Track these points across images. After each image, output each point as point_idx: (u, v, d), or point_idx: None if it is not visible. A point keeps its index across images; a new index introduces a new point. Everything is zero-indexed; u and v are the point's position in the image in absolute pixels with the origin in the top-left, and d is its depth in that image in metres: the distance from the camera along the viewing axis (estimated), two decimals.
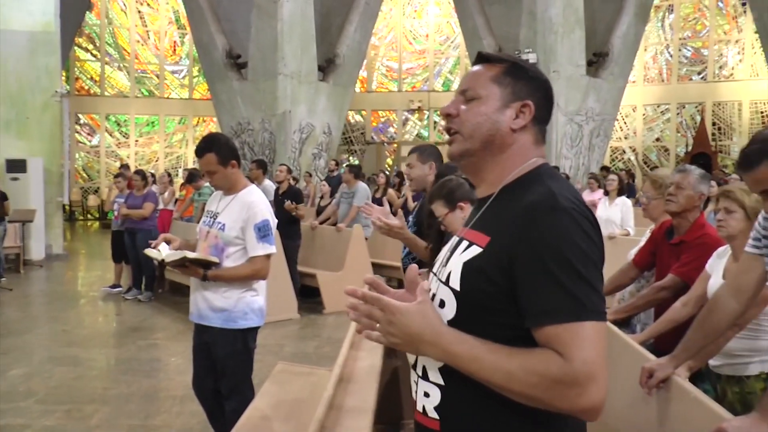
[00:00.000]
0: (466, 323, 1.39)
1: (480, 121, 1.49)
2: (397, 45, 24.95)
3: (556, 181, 1.43)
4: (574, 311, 1.28)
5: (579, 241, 1.32)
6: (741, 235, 2.92)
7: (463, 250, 1.45)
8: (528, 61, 1.59)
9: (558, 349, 1.28)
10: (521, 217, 1.36)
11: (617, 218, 7.98)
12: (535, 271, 1.31)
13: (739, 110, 21.60)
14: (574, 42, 16.30)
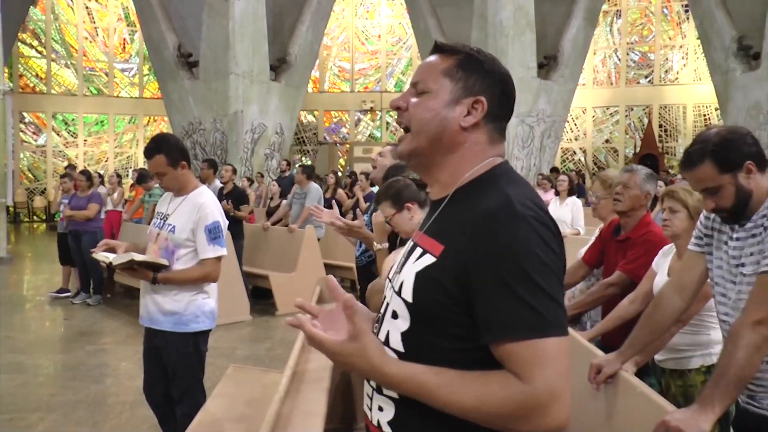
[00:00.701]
0: (420, 335, 1.32)
1: (428, 117, 1.39)
2: (349, 45, 24.96)
3: (514, 185, 1.34)
4: (534, 326, 1.20)
5: (538, 251, 1.23)
6: (685, 234, 3.01)
7: (416, 259, 1.36)
8: (487, 53, 1.44)
9: (517, 368, 1.21)
10: (476, 225, 1.27)
11: (568, 218, 8.10)
12: (492, 283, 1.23)
13: (684, 113, 22.25)
14: (525, 45, 16.53)
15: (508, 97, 1.43)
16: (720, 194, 2.19)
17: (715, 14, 16.64)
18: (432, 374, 1.25)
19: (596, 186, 4.08)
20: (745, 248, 2.22)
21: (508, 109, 1.44)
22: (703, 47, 17.74)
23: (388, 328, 1.39)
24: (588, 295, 3.64)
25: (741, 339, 2.05)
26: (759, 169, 2.18)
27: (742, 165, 2.16)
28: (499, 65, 1.43)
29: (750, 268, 2.18)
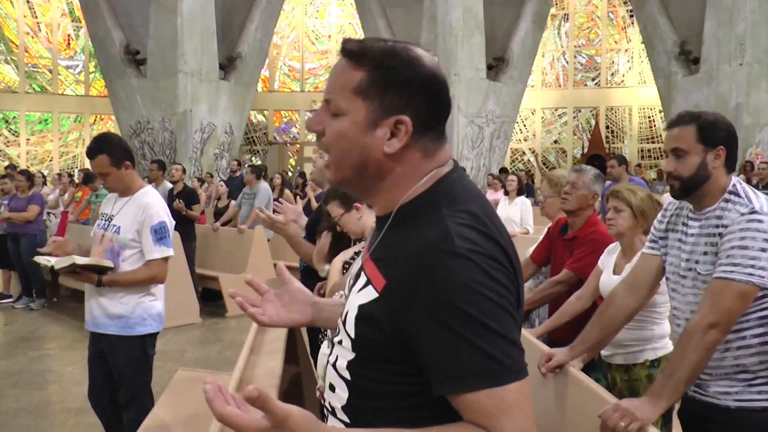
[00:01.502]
0: (366, 369, 1.22)
1: (346, 147, 1.22)
2: (299, 45, 24.84)
3: (456, 206, 1.19)
4: (493, 374, 1.09)
5: (483, 289, 1.10)
6: (629, 232, 3.10)
7: (360, 288, 1.25)
8: (405, 46, 1.23)
9: (481, 420, 1.10)
10: (415, 262, 1.13)
11: (517, 217, 8.21)
12: (436, 331, 1.10)
13: (630, 114, 22.79)
14: (474, 46, 16.69)
15: (439, 100, 1.24)
16: (684, 160, 2.28)
17: (658, 20, 17.14)
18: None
19: (544, 185, 4.15)
20: (699, 245, 2.29)
21: (441, 112, 1.25)
22: (647, 51, 18.24)
23: (338, 353, 1.29)
24: (536, 293, 3.69)
25: (693, 340, 2.12)
26: (726, 162, 2.28)
27: (716, 146, 2.26)
28: (418, 66, 1.21)
29: (704, 267, 2.25)
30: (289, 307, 1.53)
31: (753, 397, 2.21)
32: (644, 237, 3.13)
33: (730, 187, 2.27)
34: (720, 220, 2.22)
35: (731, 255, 2.14)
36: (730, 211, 2.21)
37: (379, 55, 1.21)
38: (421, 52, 1.24)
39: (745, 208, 2.18)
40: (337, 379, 1.29)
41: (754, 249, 2.11)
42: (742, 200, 2.22)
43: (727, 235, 2.17)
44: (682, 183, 2.30)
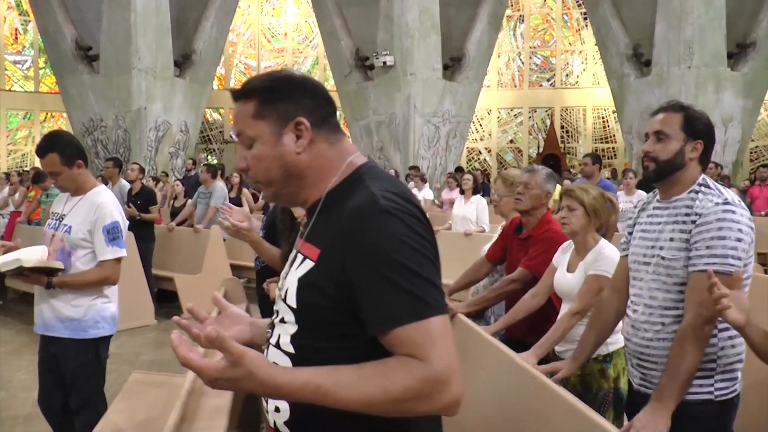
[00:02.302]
0: (309, 338, 1.37)
1: (268, 165, 1.44)
2: (255, 42, 24.63)
3: (378, 181, 1.40)
4: (418, 310, 1.26)
5: (408, 240, 1.29)
6: (582, 231, 3.16)
7: (297, 266, 1.42)
8: (277, 70, 1.53)
9: (411, 351, 1.25)
10: (347, 225, 1.32)
11: (473, 216, 8.28)
12: (370, 278, 1.28)
13: (584, 115, 23.17)
14: (431, 46, 16.77)
15: (321, 97, 1.49)
16: (665, 144, 2.38)
17: (611, 23, 17.49)
18: (327, 375, 1.25)
19: (498, 184, 4.20)
20: (665, 232, 2.37)
21: (327, 105, 1.49)
22: (601, 53, 18.59)
23: (279, 332, 1.44)
24: (491, 291, 3.73)
25: (689, 336, 2.20)
26: (701, 158, 2.38)
27: (696, 139, 2.36)
28: (293, 78, 1.48)
29: (669, 252, 2.33)
30: (228, 329, 1.66)
31: (694, 390, 2.28)
32: (597, 235, 3.20)
33: (700, 180, 2.37)
34: (691, 209, 2.30)
35: (711, 246, 2.21)
36: (702, 200, 2.29)
37: (260, 83, 1.46)
38: (292, 70, 1.54)
39: (719, 199, 2.27)
40: (281, 355, 1.42)
41: (731, 239, 2.20)
42: (713, 191, 2.31)
43: (703, 225, 2.24)
44: (658, 165, 2.39)
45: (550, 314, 3.36)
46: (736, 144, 16.26)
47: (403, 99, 16.66)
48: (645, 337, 2.42)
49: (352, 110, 18.11)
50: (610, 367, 3.09)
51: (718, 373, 2.30)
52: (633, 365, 2.53)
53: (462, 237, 8.08)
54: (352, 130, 18.20)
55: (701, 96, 15.48)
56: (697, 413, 2.28)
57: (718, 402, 2.30)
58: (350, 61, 17.95)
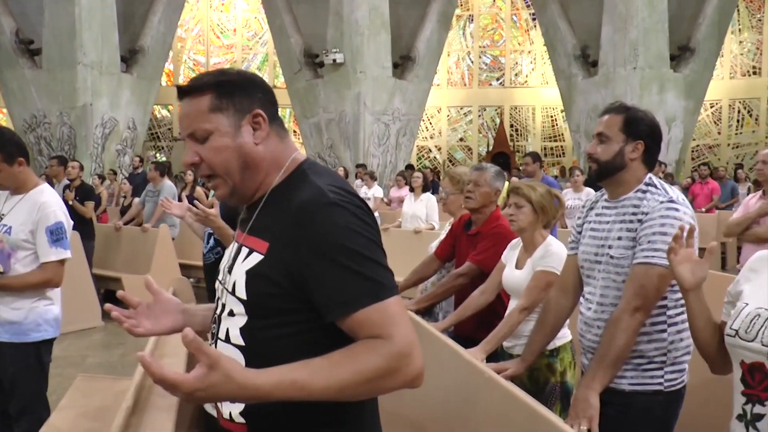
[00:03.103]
0: (260, 329, 1.40)
1: (227, 156, 1.46)
2: (204, 38, 24.30)
3: (321, 176, 1.46)
4: (376, 292, 1.32)
5: (356, 227, 1.35)
6: (530, 227, 3.20)
7: (244, 258, 1.44)
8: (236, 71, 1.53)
9: (374, 332, 1.30)
10: (296, 217, 1.36)
11: (422, 213, 8.33)
12: (326, 267, 1.32)
13: (533, 114, 23.52)
14: (380, 44, 16.78)
15: (269, 93, 1.53)
16: (606, 145, 2.44)
17: (559, 24, 17.79)
18: (300, 368, 1.27)
19: (445, 182, 4.24)
20: (613, 231, 2.42)
21: (275, 103, 1.54)
22: (549, 54, 18.90)
23: (227, 326, 1.46)
24: (439, 287, 3.76)
25: (621, 323, 2.28)
26: (644, 157, 2.44)
27: (636, 139, 2.42)
28: (243, 73, 1.53)
29: (617, 251, 2.39)
30: (161, 317, 1.69)
31: (646, 381, 2.35)
32: (545, 231, 3.25)
33: (646, 180, 2.43)
34: (638, 208, 2.37)
35: (652, 240, 2.28)
36: (649, 200, 2.36)
37: (213, 78, 1.48)
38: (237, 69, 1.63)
39: (663, 197, 2.34)
40: (231, 349, 1.43)
41: (672, 235, 2.25)
42: (659, 191, 2.38)
43: (647, 222, 2.31)
44: (599, 166, 2.46)
45: (498, 310, 3.40)
46: (679, 143, 16.73)
47: (353, 97, 16.64)
48: (598, 334, 2.47)
49: (302, 108, 18.02)
50: (557, 361, 3.14)
51: (668, 365, 2.38)
52: (587, 359, 2.59)
53: (412, 235, 8.12)
54: (302, 127, 18.11)
55: (646, 96, 15.88)
56: (647, 403, 2.35)
57: (667, 392, 2.38)
58: (300, 58, 17.85)
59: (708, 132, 21.95)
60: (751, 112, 21.47)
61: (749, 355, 1.73)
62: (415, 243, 7.58)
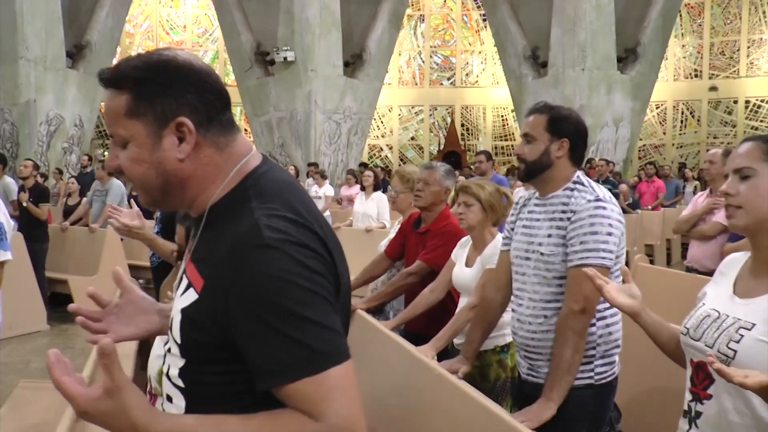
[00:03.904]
0: (198, 373, 1.22)
1: (143, 171, 1.23)
2: (153, 34, 23.86)
3: (266, 199, 1.21)
4: (310, 363, 1.11)
5: (295, 278, 1.12)
6: (479, 226, 3.24)
7: (182, 292, 1.25)
8: (157, 53, 1.26)
9: (304, 407, 1.11)
10: (227, 259, 1.15)
11: (373, 212, 8.35)
12: (253, 327, 1.12)
13: (484, 113, 23.76)
14: (331, 43, 16.74)
15: (209, 89, 1.26)
16: (533, 146, 2.49)
17: (509, 25, 18.03)
18: (211, 427, 1.13)
19: (395, 181, 4.26)
20: (543, 229, 2.47)
21: (217, 100, 1.27)
22: (499, 54, 19.14)
23: (170, 363, 1.28)
24: (389, 285, 3.78)
25: (567, 329, 2.32)
26: (570, 155, 2.48)
27: (561, 138, 2.46)
28: (174, 66, 1.24)
29: (547, 248, 2.43)
30: (134, 319, 1.49)
31: (577, 375, 2.40)
32: (494, 229, 3.29)
33: (574, 178, 2.49)
34: (566, 206, 2.41)
35: (584, 241, 2.33)
36: (576, 198, 2.40)
37: (133, 72, 1.23)
38: (174, 52, 1.26)
39: (591, 195, 2.39)
40: (173, 388, 1.27)
41: (603, 234, 2.32)
42: (587, 189, 2.43)
43: (576, 222, 2.36)
44: (527, 166, 2.51)
45: (449, 308, 3.43)
46: (626, 143, 17.12)
47: (304, 95, 16.57)
48: (530, 330, 2.52)
49: (252, 106, 17.87)
50: (507, 357, 3.19)
51: (598, 359, 2.44)
52: (521, 356, 2.64)
53: (363, 233, 8.13)
54: (253, 126, 17.97)
55: (594, 97, 16.22)
56: (579, 396, 2.39)
57: (598, 385, 2.44)
58: (251, 56, 17.69)
59: (654, 132, 22.50)
60: (694, 113, 22.07)
61: (696, 354, 1.76)
62: (367, 242, 7.59)
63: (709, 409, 1.70)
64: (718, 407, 1.67)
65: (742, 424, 1.63)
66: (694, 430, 1.74)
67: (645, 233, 10.61)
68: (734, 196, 1.72)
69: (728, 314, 1.70)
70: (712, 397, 1.69)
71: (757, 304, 1.66)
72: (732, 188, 1.73)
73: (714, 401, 1.68)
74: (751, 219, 1.71)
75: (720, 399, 1.67)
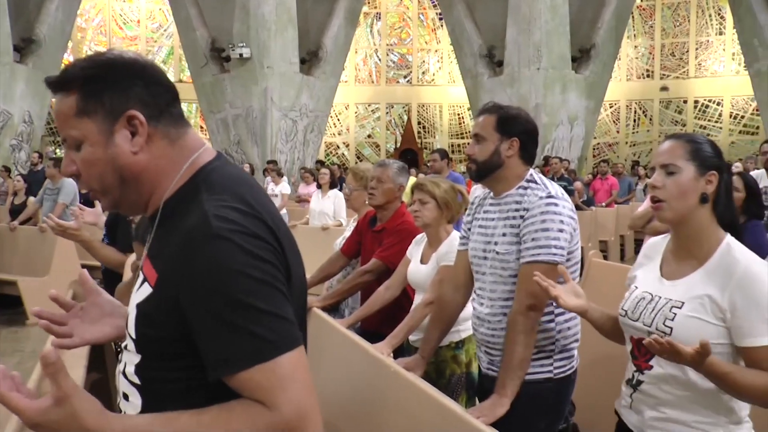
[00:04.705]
0: (154, 369, 1.23)
1: (99, 170, 1.24)
2: (106, 29, 23.38)
3: (216, 191, 1.22)
4: (261, 352, 1.12)
5: (245, 268, 1.13)
6: (434, 223, 3.25)
7: (138, 287, 1.26)
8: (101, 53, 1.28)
9: (257, 395, 1.13)
10: (179, 251, 1.16)
11: (330, 210, 8.33)
12: (203, 318, 1.13)
13: (440, 112, 23.89)
14: (287, 40, 16.63)
15: (154, 83, 1.27)
16: (482, 145, 2.50)
17: (465, 24, 18.16)
18: (164, 424, 1.13)
19: (349, 179, 4.25)
20: (498, 228, 2.49)
21: (165, 92, 1.29)
22: (456, 53, 19.25)
23: (126, 360, 1.28)
24: (345, 283, 3.77)
25: (518, 325, 2.34)
26: (521, 154, 2.50)
27: (511, 137, 2.48)
28: (120, 62, 1.26)
29: (502, 247, 2.45)
30: (98, 322, 1.49)
31: (536, 370, 2.43)
32: (449, 226, 3.31)
33: (527, 176, 2.51)
34: (519, 204, 2.43)
35: (536, 238, 2.35)
36: (529, 195, 2.42)
37: (80, 72, 1.24)
38: (120, 52, 1.29)
39: (543, 192, 2.41)
40: (129, 386, 1.27)
41: (554, 230, 2.34)
42: (539, 186, 2.45)
43: (529, 219, 2.38)
44: (477, 166, 2.52)
45: (404, 304, 3.44)
46: (581, 141, 17.40)
47: (260, 92, 16.44)
48: (490, 328, 2.54)
49: (208, 103, 17.66)
50: (462, 353, 3.21)
51: (557, 353, 2.47)
52: (482, 351, 2.66)
53: (320, 231, 8.10)
54: (209, 123, 17.76)
55: (549, 96, 16.44)
56: (538, 390, 2.43)
57: (557, 379, 2.47)
58: (206, 52, 17.46)
59: (608, 131, 22.91)
60: (646, 112, 22.55)
61: (635, 332, 1.97)
62: (323, 240, 7.57)
63: (649, 377, 1.93)
64: (658, 375, 1.90)
65: (678, 389, 1.87)
66: (637, 394, 1.97)
67: (599, 229, 10.81)
68: (660, 189, 1.90)
69: (660, 296, 1.93)
70: (653, 367, 1.91)
71: (683, 285, 1.89)
72: (659, 182, 1.91)
73: (654, 371, 1.91)
74: (674, 213, 1.91)
75: (659, 368, 1.90)
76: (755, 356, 1.75)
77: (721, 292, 1.80)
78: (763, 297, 1.75)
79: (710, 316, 1.80)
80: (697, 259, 1.90)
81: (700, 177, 1.88)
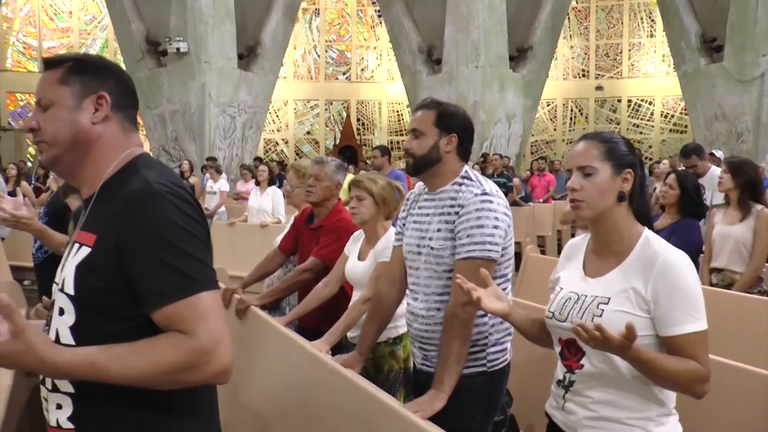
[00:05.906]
0: (89, 325, 1.42)
1: (60, 126, 1.50)
2: (36, 20, 22.61)
3: (153, 170, 1.49)
4: (186, 287, 1.36)
5: (178, 220, 1.39)
6: (372, 220, 3.27)
7: (74, 254, 1.45)
8: (98, 56, 1.63)
9: (180, 326, 1.34)
10: (121, 207, 1.40)
11: (269, 207, 8.25)
12: (142, 257, 1.36)
13: (379, 108, 23.95)
14: (225, 35, 16.38)
15: (124, 85, 1.59)
16: (421, 140, 2.51)
17: (403, 22, 18.22)
18: (101, 352, 1.31)
19: (290, 176, 4.23)
20: (433, 223, 2.50)
21: (130, 98, 1.61)
22: (394, 50, 19.29)
23: (57, 326, 1.45)
24: (283, 282, 3.75)
25: (454, 321, 2.35)
26: (458, 150, 2.52)
27: (450, 133, 2.50)
28: (104, 60, 1.61)
29: (437, 242, 2.47)
30: None
31: (470, 364, 2.47)
32: (387, 223, 3.33)
33: (462, 173, 2.53)
34: (455, 201, 2.46)
35: (471, 234, 2.37)
36: (464, 192, 2.45)
37: (74, 56, 1.56)
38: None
39: (478, 189, 2.44)
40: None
41: (489, 227, 2.37)
42: (474, 183, 2.48)
43: (464, 215, 2.40)
44: (415, 160, 2.53)
45: (342, 302, 3.44)
46: (519, 138, 17.66)
47: (198, 88, 16.15)
48: (424, 323, 2.57)
49: (145, 98, 17.23)
50: (400, 348, 3.23)
51: (490, 347, 2.51)
52: (416, 347, 2.68)
53: (258, 229, 8.02)
54: (146, 118, 17.36)
55: (487, 94, 16.65)
56: (473, 384, 2.46)
57: (490, 372, 2.51)
58: (142, 45, 17.07)
59: (545, 128, 23.36)
60: (582, 110, 23.09)
61: (564, 333, 1.98)
62: (262, 237, 7.50)
63: (581, 376, 1.95)
64: (589, 374, 1.92)
65: (610, 385, 1.89)
66: (569, 395, 1.98)
67: (537, 225, 10.99)
68: (579, 191, 1.93)
69: (586, 294, 1.95)
70: (584, 366, 1.93)
71: (608, 281, 1.93)
72: (576, 184, 1.94)
73: (585, 369, 1.93)
74: (593, 211, 1.93)
75: (590, 367, 1.92)
76: (677, 343, 1.80)
77: (644, 283, 1.84)
78: (683, 286, 1.81)
79: (636, 309, 1.84)
80: (618, 254, 1.94)
81: (616, 176, 1.93)
